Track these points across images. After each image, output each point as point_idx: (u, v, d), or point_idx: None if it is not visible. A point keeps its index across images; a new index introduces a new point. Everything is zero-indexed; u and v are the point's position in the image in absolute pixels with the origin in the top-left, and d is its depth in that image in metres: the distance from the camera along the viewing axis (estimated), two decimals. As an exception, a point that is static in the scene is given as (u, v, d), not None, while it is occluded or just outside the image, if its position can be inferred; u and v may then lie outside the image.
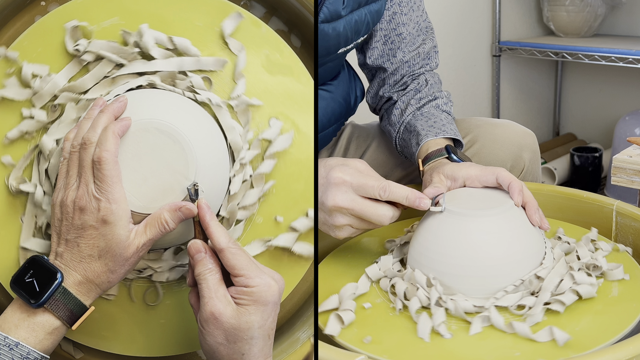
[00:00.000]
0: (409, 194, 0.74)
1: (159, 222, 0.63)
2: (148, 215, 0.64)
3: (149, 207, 0.64)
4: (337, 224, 0.76)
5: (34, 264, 0.61)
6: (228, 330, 0.60)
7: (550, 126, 2.59)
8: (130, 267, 0.63)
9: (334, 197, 0.74)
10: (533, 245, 0.74)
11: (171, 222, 0.63)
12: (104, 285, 0.62)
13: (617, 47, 1.99)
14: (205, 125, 0.68)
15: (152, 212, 0.64)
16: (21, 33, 0.70)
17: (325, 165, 0.76)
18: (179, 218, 0.64)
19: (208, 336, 0.61)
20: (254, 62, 0.70)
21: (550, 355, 0.61)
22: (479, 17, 2.19)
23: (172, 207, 0.63)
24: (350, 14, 0.96)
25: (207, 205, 0.64)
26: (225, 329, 0.60)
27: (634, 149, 1.10)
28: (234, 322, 0.60)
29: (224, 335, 0.60)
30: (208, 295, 0.61)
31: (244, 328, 0.60)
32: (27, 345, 0.58)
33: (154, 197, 0.64)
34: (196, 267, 0.62)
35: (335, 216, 0.75)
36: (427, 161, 0.92)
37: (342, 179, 0.74)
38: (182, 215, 0.64)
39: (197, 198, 0.64)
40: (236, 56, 0.70)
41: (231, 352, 0.61)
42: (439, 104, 1.05)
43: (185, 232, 0.67)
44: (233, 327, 0.60)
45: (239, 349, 0.60)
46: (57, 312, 0.60)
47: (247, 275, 0.61)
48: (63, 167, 0.64)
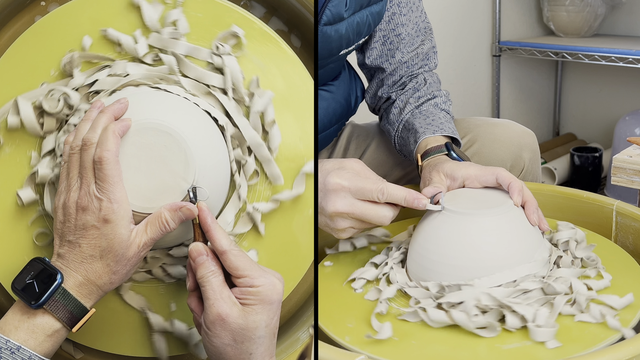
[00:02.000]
0: (406, 195, 0.75)
1: (160, 222, 0.63)
2: (148, 215, 0.64)
3: (150, 207, 0.64)
4: (339, 228, 0.77)
5: (34, 265, 0.61)
6: (235, 331, 0.60)
7: (550, 126, 2.59)
8: (131, 268, 0.63)
9: (333, 204, 0.75)
10: (533, 245, 0.74)
11: (172, 222, 0.63)
12: (105, 287, 0.62)
13: (617, 47, 1.99)
14: (204, 126, 0.68)
15: (152, 212, 0.64)
16: (21, 33, 0.70)
17: (322, 170, 0.77)
18: (179, 218, 0.64)
19: (215, 338, 0.61)
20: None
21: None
22: (479, 17, 2.19)
23: (173, 207, 0.64)
24: (352, 16, 0.96)
25: (208, 208, 0.64)
26: (232, 329, 0.60)
27: (634, 149, 1.10)
28: (242, 323, 0.60)
29: (232, 336, 0.60)
30: (213, 297, 0.61)
31: (252, 327, 0.60)
32: (28, 349, 0.58)
33: (154, 197, 0.64)
34: (198, 270, 0.62)
35: (337, 221, 0.77)
36: (426, 156, 0.92)
37: (340, 185, 0.75)
38: (183, 216, 0.64)
39: (196, 200, 0.64)
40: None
41: (239, 353, 0.61)
42: (437, 103, 1.05)
43: (184, 233, 0.67)
44: (240, 327, 0.60)
45: (247, 348, 0.61)
46: (56, 314, 0.60)
47: (251, 275, 0.61)
48: (64, 170, 0.64)
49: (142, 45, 0.70)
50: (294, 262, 0.71)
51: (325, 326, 0.69)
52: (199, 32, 0.70)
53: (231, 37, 0.70)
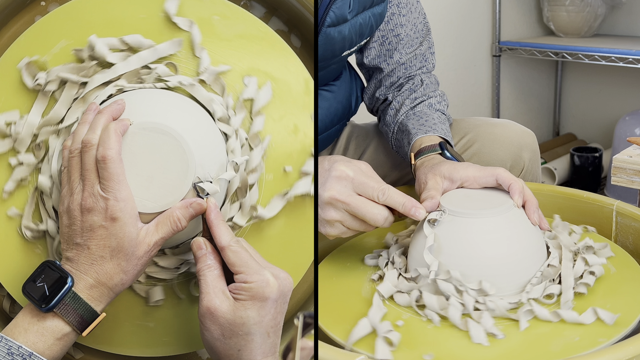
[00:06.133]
0: (406, 202, 0.74)
1: (172, 221, 0.63)
2: (153, 214, 0.64)
3: (154, 206, 0.64)
4: (328, 218, 0.75)
5: (45, 268, 0.61)
6: (224, 326, 0.60)
7: (550, 126, 2.59)
8: (142, 268, 0.63)
9: (331, 188, 0.74)
10: (533, 245, 0.74)
11: (183, 219, 0.64)
12: (117, 288, 0.62)
13: (617, 47, 1.99)
14: (200, 119, 0.68)
15: (157, 211, 0.64)
16: (21, 33, 0.70)
17: (329, 159, 0.76)
18: (190, 215, 0.64)
19: (205, 331, 0.61)
20: (208, 31, 0.70)
21: (603, 334, 0.63)
22: (479, 17, 2.19)
23: (184, 204, 0.64)
24: (355, 18, 0.96)
25: (215, 205, 0.65)
26: (220, 324, 0.60)
27: (634, 149, 1.10)
28: (229, 317, 0.60)
29: (220, 331, 0.61)
30: (205, 291, 0.61)
31: (239, 323, 0.60)
32: (40, 356, 0.58)
33: (156, 195, 0.64)
34: (197, 263, 0.63)
35: (329, 210, 0.74)
36: (419, 155, 0.92)
37: (345, 173, 0.74)
38: (193, 212, 0.64)
39: (204, 194, 0.65)
40: (189, 32, 0.70)
41: (227, 348, 0.61)
42: (432, 103, 1.05)
43: (191, 232, 0.68)
44: (228, 322, 0.60)
45: (235, 344, 0.61)
46: (66, 317, 0.60)
47: (247, 272, 0.61)
48: (64, 175, 0.64)
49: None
50: (294, 262, 0.71)
51: (325, 326, 0.69)
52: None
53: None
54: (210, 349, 0.62)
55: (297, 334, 0.71)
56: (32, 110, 0.68)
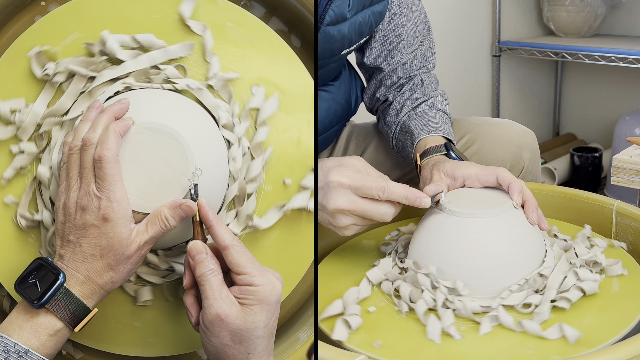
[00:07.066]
0: (408, 194, 0.74)
1: (160, 219, 0.63)
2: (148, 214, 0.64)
3: (150, 206, 0.64)
4: (341, 225, 0.77)
5: (38, 265, 0.61)
6: (234, 331, 0.60)
7: (550, 126, 2.59)
8: (132, 267, 0.63)
9: (335, 201, 0.75)
10: (533, 245, 0.74)
11: (172, 219, 0.63)
12: (107, 286, 0.62)
13: (617, 47, 1.99)
14: (203, 123, 0.68)
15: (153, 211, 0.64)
16: (21, 33, 0.70)
17: (322, 168, 0.76)
18: (179, 215, 0.63)
19: (213, 338, 0.61)
20: (220, 37, 0.70)
21: (560, 352, 0.62)
22: (479, 17, 2.19)
23: (173, 204, 0.63)
24: (355, 16, 0.96)
25: (208, 205, 0.64)
26: (231, 329, 0.60)
27: (634, 149, 1.10)
28: (240, 323, 0.60)
29: (230, 337, 0.60)
30: (212, 297, 0.60)
31: (251, 328, 0.60)
32: (36, 353, 0.58)
33: (154, 196, 0.64)
34: (197, 268, 0.62)
35: (339, 218, 0.76)
36: (425, 156, 0.92)
37: (340, 183, 0.75)
38: (182, 213, 0.63)
39: (197, 197, 0.64)
40: (202, 37, 0.70)
41: (237, 353, 0.61)
42: (433, 103, 1.05)
43: (185, 233, 0.67)
44: (239, 327, 0.60)
45: (245, 349, 0.61)
46: (58, 313, 0.60)
47: (251, 273, 0.61)
48: (63, 171, 0.64)
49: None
50: (294, 262, 0.71)
51: (326, 326, 0.69)
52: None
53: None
54: (218, 354, 0.61)
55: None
56: (38, 99, 0.68)
